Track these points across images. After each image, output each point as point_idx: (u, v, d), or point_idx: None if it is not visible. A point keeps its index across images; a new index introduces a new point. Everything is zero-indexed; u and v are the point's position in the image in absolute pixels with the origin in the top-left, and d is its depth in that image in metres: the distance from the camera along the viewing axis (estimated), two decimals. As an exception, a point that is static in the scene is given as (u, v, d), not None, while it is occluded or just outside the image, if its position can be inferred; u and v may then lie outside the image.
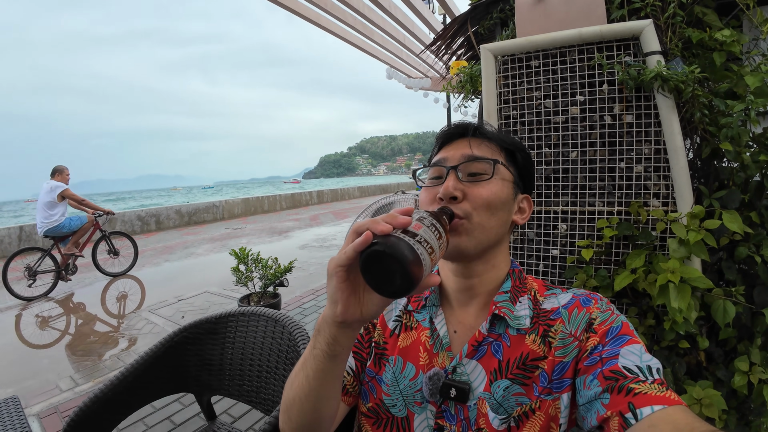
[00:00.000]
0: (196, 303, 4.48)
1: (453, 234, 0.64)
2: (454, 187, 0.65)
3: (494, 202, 0.66)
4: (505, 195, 0.69)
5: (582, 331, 0.62)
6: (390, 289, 0.47)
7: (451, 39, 2.23)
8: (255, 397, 1.34)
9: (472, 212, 0.65)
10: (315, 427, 0.65)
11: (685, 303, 1.17)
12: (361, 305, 0.53)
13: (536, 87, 1.55)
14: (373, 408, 0.73)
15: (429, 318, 0.73)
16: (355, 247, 0.48)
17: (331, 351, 0.56)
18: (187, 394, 2.50)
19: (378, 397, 0.72)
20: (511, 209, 0.71)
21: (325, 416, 0.64)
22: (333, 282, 0.51)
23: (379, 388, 0.73)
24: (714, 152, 1.34)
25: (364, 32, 6.58)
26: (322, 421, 0.64)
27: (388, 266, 0.46)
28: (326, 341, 0.56)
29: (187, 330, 1.41)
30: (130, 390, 1.27)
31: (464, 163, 0.68)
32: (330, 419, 0.66)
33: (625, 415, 0.49)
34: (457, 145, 0.73)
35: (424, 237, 0.49)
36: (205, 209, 12.50)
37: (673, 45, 1.37)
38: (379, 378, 0.74)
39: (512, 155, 0.74)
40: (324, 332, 0.56)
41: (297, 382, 0.63)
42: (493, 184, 0.67)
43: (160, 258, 7.22)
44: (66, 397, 2.65)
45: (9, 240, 8.32)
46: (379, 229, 0.47)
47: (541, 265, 1.57)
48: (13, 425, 1.10)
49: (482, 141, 0.72)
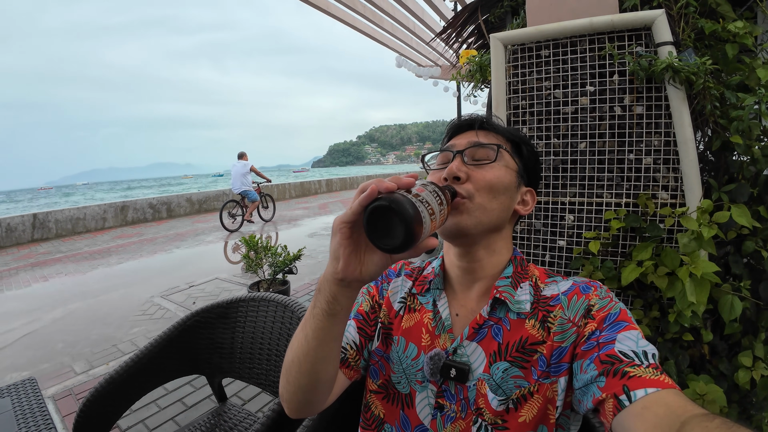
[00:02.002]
0: (207, 289, 4.55)
1: (454, 212, 0.66)
2: (458, 168, 0.68)
3: (496, 185, 0.69)
4: (508, 181, 0.71)
5: (580, 317, 0.64)
6: (390, 244, 0.49)
7: (461, 27, 2.21)
8: (265, 379, 1.38)
9: (475, 193, 0.67)
10: (312, 389, 0.66)
11: (703, 297, 1.16)
12: (361, 264, 0.55)
13: (546, 77, 1.54)
14: (382, 384, 0.77)
15: (432, 301, 0.76)
16: (361, 201, 0.50)
17: (331, 309, 0.58)
18: (198, 377, 2.56)
19: (387, 374, 0.76)
20: (514, 197, 0.74)
21: (322, 379, 0.66)
22: (336, 238, 0.54)
23: (388, 366, 0.77)
24: (724, 145, 1.32)
25: (374, 20, 6.51)
26: (318, 383, 0.66)
27: (389, 220, 0.48)
28: (326, 299, 0.58)
29: (199, 314, 1.45)
30: (143, 372, 1.31)
31: (470, 148, 0.72)
32: (327, 384, 0.68)
33: (620, 397, 0.51)
34: (465, 134, 0.77)
35: (426, 199, 0.51)
36: (215, 197, 12.61)
37: (685, 36, 1.35)
38: (387, 356, 0.77)
39: (518, 147, 0.77)
40: (324, 291, 0.58)
41: (296, 342, 0.65)
42: (496, 169, 0.70)
43: (171, 245, 7.33)
44: (80, 380, 2.74)
45: (23, 227, 8.50)
46: (384, 187, 0.49)
47: (547, 255, 1.57)
48: (30, 406, 1.15)
49: (490, 132, 0.76)
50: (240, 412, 1.47)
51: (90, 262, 6.28)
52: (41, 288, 5.07)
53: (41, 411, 1.13)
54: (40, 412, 1.13)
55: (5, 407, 1.15)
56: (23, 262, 6.64)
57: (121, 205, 10.37)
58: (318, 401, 0.70)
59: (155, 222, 10.64)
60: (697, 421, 0.43)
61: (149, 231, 9.18)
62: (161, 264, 6.00)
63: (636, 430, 0.47)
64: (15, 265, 6.51)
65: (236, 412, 1.47)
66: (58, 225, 9.08)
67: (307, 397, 0.67)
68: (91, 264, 6.17)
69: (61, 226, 9.14)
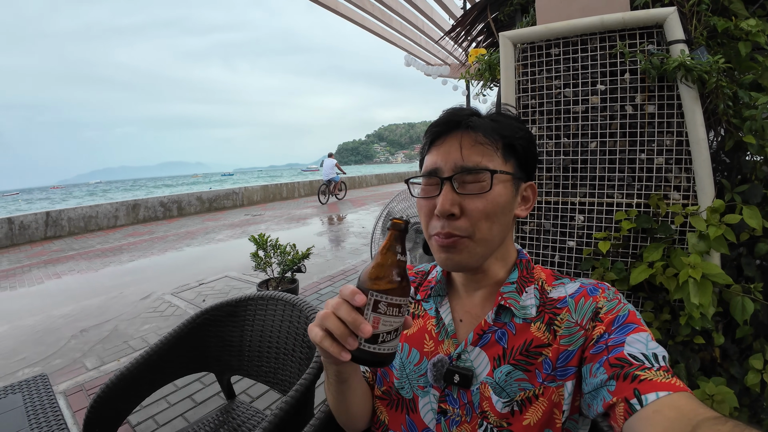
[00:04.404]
0: (217, 287, 4.59)
1: (453, 252, 0.65)
2: (451, 203, 0.63)
3: (494, 211, 0.64)
4: (505, 199, 0.66)
5: (588, 320, 0.63)
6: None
7: (470, 25, 2.20)
8: (272, 378, 1.39)
9: (474, 229, 0.64)
10: (352, 422, 0.78)
11: (706, 299, 1.15)
12: None
13: (556, 76, 1.53)
14: (386, 391, 0.77)
15: (435, 307, 0.76)
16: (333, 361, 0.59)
17: (340, 378, 0.68)
18: (207, 375, 2.59)
19: (390, 381, 0.77)
20: (513, 207, 0.69)
21: (357, 414, 0.77)
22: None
23: (391, 373, 0.77)
24: (737, 145, 1.30)
25: (383, 19, 6.51)
26: (357, 415, 0.78)
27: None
28: (333, 374, 0.68)
29: (208, 312, 1.47)
30: (154, 368, 1.33)
31: (458, 175, 0.64)
32: (365, 411, 0.79)
33: (630, 401, 0.50)
34: (448, 145, 0.67)
35: (384, 331, 0.54)
36: (225, 196, 12.71)
37: (697, 34, 1.33)
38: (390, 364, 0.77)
39: (510, 147, 0.67)
40: (328, 370, 0.69)
41: (329, 397, 0.77)
42: (491, 194, 0.64)
43: (182, 243, 7.41)
44: (91, 375, 2.78)
45: (36, 225, 8.65)
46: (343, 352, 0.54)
47: (557, 256, 1.56)
48: (41, 402, 1.17)
49: (476, 137, 0.65)
50: (248, 410, 1.48)
51: (102, 260, 6.37)
52: (54, 285, 5.16)
53: (52, 407, 1.15)
54: (51, 408, 1.14)
55: (17, 403, 1.17)
56: (36, 259, 6.76)
57: (132, 204, 10.50)
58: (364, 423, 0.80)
59: (166, 220, 10.76)
60: (709, 424, 0.42)
61: (160, 229, 9.29)
62: (172, 262, 6.07)
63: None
64: (28, 262, 6.63)
65: (244, 410, 1.48)
66: (70, 223, 9.23)
67: (354, 426, 0.80)
68: (103, 261, 6.25)
69: (74, 224, 9.29)
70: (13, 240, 8.25)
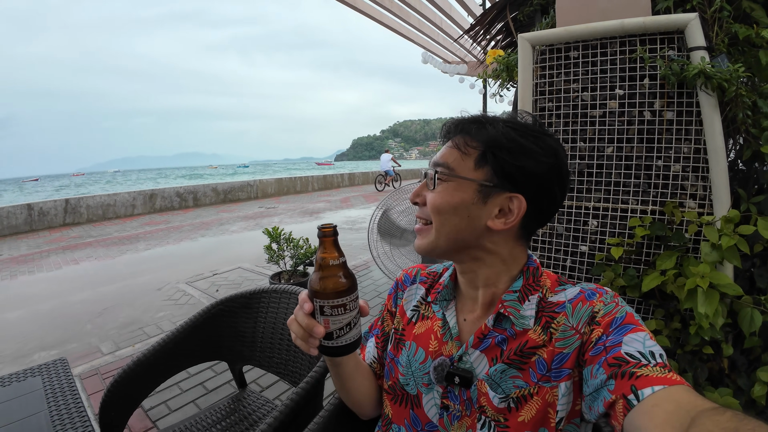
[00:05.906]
0: (230, 278, 4.67)
1: (419, 236, 0.74)
2: (415, 193, 0.74)
3: (443, 208, 0.69)
4: (458, 200, 0.68)
5: (584, 324, 0.64)
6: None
7: (489, 25, 2.19)
8: (283, 369, 1.42)
9: (432, 219, 0.71)
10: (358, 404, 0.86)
11: (712, 309, 1.15)
12: None
13: (574, 79, 1.52)
14: (392, 386, 0.81)
15: (441, 310, 0.79)
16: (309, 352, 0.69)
17: (333, 362, 0.77)
18: (219, 363, 2.64)
19: (395, 376, 0.80)
20: (477, 213, 0.68)
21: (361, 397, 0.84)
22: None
23: (397, 369, 0.80)
24: (755, 155, 1.29)
25: (401, 15, 6.49)
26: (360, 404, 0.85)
27: None
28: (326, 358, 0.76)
29: (223, 303, 1.51)
30: (169, 356, 1.37)
31: (429, 170, 0.73)
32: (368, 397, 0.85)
33: (628, 397, 0.51)
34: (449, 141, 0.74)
35: (336, 328, 0.65)
36: (240, 188, 12.85)
37: (718, 41, 1.31)
38: (396, 360, 0.81)
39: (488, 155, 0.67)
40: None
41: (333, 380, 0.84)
42: (439, 192, 0.70)
43: (197, 233, 7.53)
44: (106, 360, 2.86)
45: (55, 212, 8.87)
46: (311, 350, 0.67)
47: (568, 260, 1.56)
48: (60, 386, 1.20)
49: (463, 140, 0.70)
50: (258, 399, 1.52)
51: (119, 247, 6.51)
52: (71, 270, 5.30)
53: (71, 390, 1.18)
54: (70, 391, 1.17)
55: (36, 386, 1.20)
56: (55, 245, 6.94)
57: (149, 193, 10.69)
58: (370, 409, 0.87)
59: (182, 210, 10.94)
60: (707, 415, 0.43)
61: (176, 219, 9.45)
62: (187, 251, 6.18)
63: (647, 428, 0.48)
64: (47, 247, 6.81)
65: (254, 399, 1.52)
66: (89, 210, 9.45)
67: (361, 411, 0.87)
68: (120, 249, 6.39)
69: (92, 211, 9.51)
70: (32, 225, 8.48)
